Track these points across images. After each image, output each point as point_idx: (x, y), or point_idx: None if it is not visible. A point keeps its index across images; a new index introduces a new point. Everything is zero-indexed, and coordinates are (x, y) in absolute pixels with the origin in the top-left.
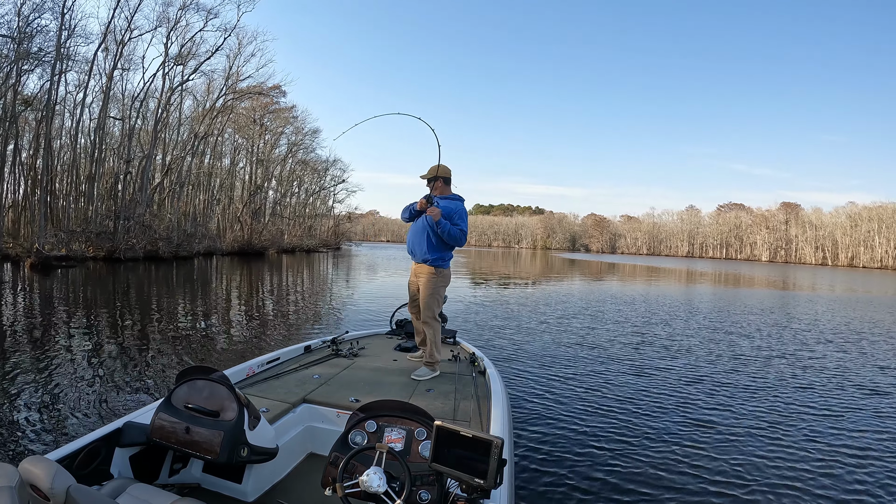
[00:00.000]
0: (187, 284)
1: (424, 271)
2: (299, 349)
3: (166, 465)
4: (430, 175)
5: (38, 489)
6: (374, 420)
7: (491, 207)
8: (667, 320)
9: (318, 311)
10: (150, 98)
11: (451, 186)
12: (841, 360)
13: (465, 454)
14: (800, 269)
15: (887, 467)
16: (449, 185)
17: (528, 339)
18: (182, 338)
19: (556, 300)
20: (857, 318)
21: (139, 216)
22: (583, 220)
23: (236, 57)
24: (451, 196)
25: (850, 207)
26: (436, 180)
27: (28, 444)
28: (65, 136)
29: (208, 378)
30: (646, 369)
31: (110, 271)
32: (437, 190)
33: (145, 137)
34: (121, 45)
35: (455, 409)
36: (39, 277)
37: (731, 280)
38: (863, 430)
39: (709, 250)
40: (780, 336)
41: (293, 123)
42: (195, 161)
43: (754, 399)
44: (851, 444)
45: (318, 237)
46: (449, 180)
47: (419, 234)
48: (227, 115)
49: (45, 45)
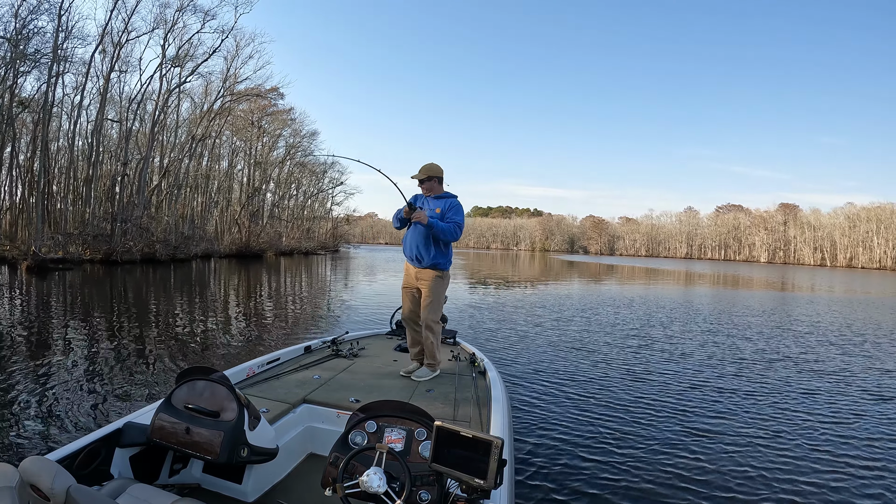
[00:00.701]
0: (185, 287)
1: (429, 276)
2: (299, 349)
3: (166, 465)
4: (423, 175)
5: (38, 489)
6: (375, 420)
7: (489, 209)
8: (666, 322)
9: (317, 313)
10: (147, 100)
11: (443, 185)
12: (846, 364)
13: (465, 454)
14: (799, 270)
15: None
16: (441, 183)
17: (528, 340)
18: (181, 339)
19: (556, 302)
20: (860, 319)
21: (136, 219)
22: (581, 222)
23: (234, 59)
24: (443, 194)
25: (848, 208)
26: (430, 181)
27: (28, 445)
28: (62, 138)
29: (208, 378)
30: (646, 371)
31: (107, 274)
32: (431, 190)
33: (143, 140)
34: (118, 47)
35: (455, 410)
36: (35, 280)
37: (730, 281)
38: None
39: (707, 252)
40: (781, 338)
41: (291, 126)
42: (193, 163)
43: (756, 403)
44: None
45: (316, 239)
46: (441, 179)
47: (423, 238)
48: (225, 117)
49: (41, 46)
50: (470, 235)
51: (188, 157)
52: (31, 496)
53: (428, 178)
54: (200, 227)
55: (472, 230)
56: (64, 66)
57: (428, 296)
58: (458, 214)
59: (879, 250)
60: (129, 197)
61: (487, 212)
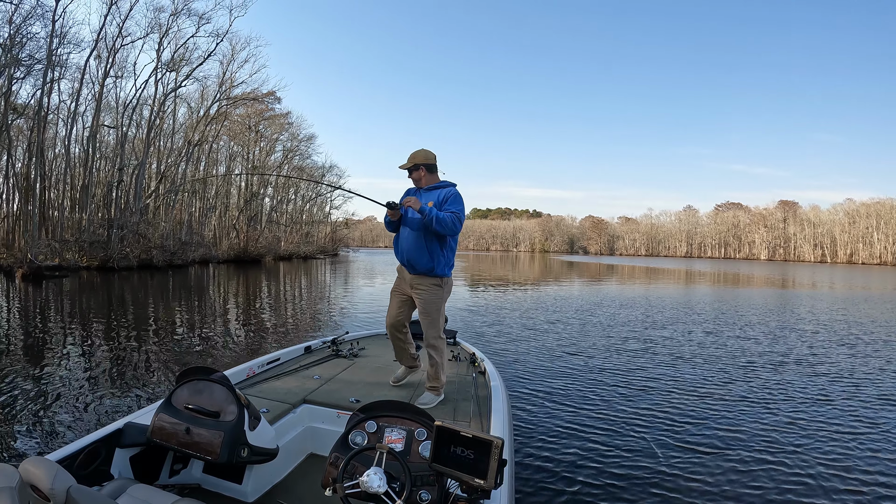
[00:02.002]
0: (183, 292)
1: (425, 283)
2: (299, 350)
3: (166, 465)
4: (410, 164)
5: (38, 490)
6: (375, 420)
7: (489, 211)
8: (669, 322)
9: (316, 318)
10: (143, 105)
11: (437, 173)
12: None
13: (466, 454)
14: (799, 267)
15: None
16: (434, 171)
17: (528, 340)
18: (180, 343)
19: (556, 302)
20: (865, 317)
21: (133, 225)
22: (581, 223)
23: (230, 63)
24: (438, 184)
25: (847, 204)
26: (416, 170)
27: (28, 445)
28: (59, 145)
29: (208, 379)
30: (646, 371)
31: (104, 281)
32: (421, 181)
33: (139, 145)
34: (113, 52)
35: (455, 410)
36: (32, 288)
37: (731, 280)
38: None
39: (707, 250)
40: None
41: (288, 129)
42: (190, 168)
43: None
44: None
45: (315, 244)
46: (433, 167)
47: (414, 240)
48: (222, 122)
49: (35, 52)
50: (469, 237)
51: (185, 162)
52: (32, 496)
53: (414, 167)
54: (198, 232)
55: (471, 232)
56: (59, 72)
57: (423, 309)
58: (456, 204)
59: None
60: (126, 203)
61: (486, 213)
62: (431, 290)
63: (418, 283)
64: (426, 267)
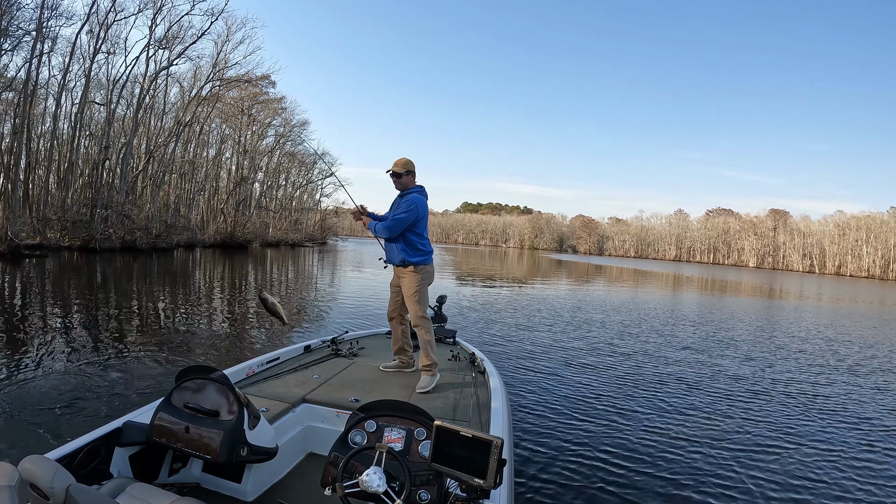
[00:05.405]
0: (167, 277)
1: (404, 273)
2: (299, 349)
3: (166, 464)
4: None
5: (37, 488)
6: (374, 420)
7: (479, 206)
8: (666, 325)
9: (308, 310)
10: (133, 83)
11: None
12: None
13: (465, 454)
14: (787, 277)
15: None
16: (412, 175)
17: (528, 340)
18: (165, 333)
19: (555, 303)
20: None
21: (117, 205)
22: (571, 222)
23: (224, 43)
24: (410, 189)
25: (838, 216)
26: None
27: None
28: (48, 121)
29: (208, 378)
30: (646, 371)
31: (84, 262)
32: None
33: (128, 124)
34: (105, 27)
35: (455, 409)
36: (9, 267)
37: (719, 287)
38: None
39: (696, 255)
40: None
41: (281, 115)
42: (178, 149)
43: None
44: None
45: (303, 231)
46: (411, 173)
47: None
48: (214, 103)
49: (24, 24)
50: (459, 231)
51: (174, 142)
52: (31, 495)
53: (396, 175)
54: (184, 215)
55: (461, 226)
56: (48, 44)
57: (406, 293)
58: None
59: (868, 259)
60: (111, 183)
61: (477, 208)
62: (409, 277)
63: (400, 273)
64: (399, 260)
